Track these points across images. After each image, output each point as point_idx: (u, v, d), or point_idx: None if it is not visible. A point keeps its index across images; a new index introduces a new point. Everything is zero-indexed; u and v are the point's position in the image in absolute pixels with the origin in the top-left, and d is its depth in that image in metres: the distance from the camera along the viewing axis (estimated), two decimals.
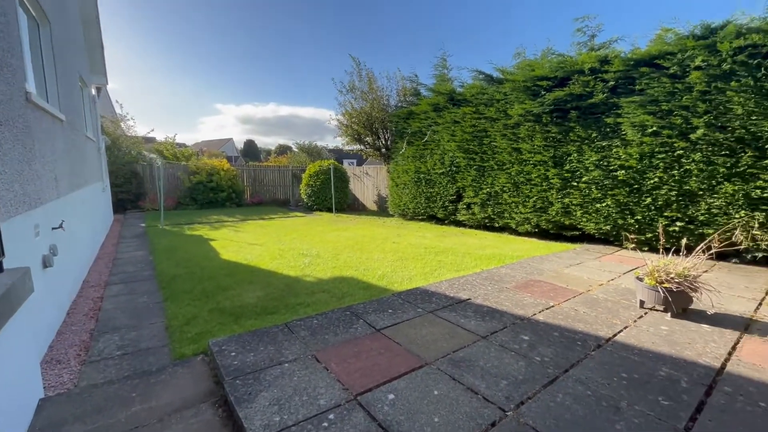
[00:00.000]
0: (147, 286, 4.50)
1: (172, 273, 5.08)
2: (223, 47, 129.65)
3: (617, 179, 6.14)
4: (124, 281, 4.70)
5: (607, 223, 6.40)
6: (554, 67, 6.77)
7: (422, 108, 9.74)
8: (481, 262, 5.58)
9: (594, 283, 4.32)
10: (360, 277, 4.85)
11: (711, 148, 5.19)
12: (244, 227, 9.86)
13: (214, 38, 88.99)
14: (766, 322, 3.18)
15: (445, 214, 9.61)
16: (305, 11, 74.22)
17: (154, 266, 5.48)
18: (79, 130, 5.88)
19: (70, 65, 5.50)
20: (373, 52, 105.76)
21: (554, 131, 6.91)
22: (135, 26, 65.76)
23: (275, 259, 5.92)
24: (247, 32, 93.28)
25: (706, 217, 5.33)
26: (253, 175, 17.01)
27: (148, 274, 5.07)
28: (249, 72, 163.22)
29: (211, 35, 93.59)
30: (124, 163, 13.36)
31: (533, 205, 7.42)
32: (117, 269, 5.30)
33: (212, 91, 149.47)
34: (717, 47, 4.98)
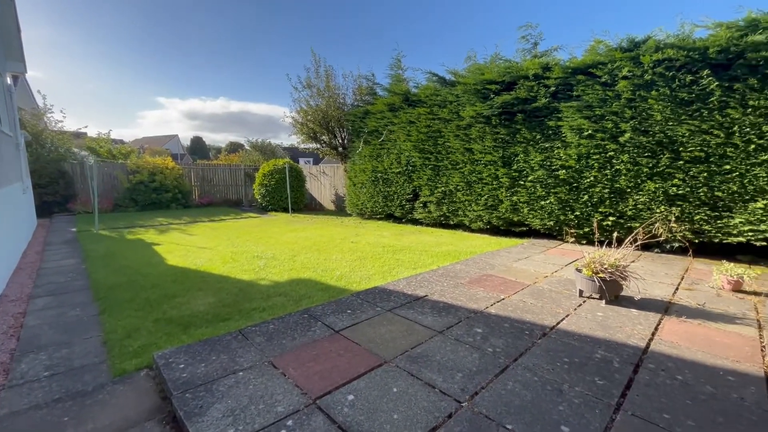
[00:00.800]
0: (80, 298, 4.08)
1: (109, 282, 4.66)
2: (166, 35, 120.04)
3: (559, 178, 6.63)
4: (52, 293, 4.23)
5: (550, 219, 6.89)
6: (502, 72, 7.13)
7: (378, 107, 9.80)
8: (437, 259, 5.74)
9: (540, 275, 4.63)
10: (318, 279, 4.78)
11: (636, 150, 5.77)
12: (193, 230, 9.29)
13: (153, 25, 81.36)
14: (681, 304, 3.61)
15: (402, 213, 9.77)
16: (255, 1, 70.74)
17: (88, 275, 4.99)
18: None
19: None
20: (331, 49, 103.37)
21: (503, 133, 7.29)
22: (58, 6, 58.41)
23: (227, 263, 5.65)
24: (192, 21, 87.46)
25: (633, 212, 5.93)
26: (202, 175, 16.06)
27: (81, 284, 4.61)
28: (196, 64, 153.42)
29: (149, 21, 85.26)
30: (49, 161, 11.98)
31: (485, 203, 7.78)
32: (43, 280, 4.75)
33: (153, 83, 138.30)
34: (640, 59, 5.54)
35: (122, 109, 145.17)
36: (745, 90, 4.86)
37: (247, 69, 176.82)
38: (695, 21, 5.29)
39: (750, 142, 4.91)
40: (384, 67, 11.10)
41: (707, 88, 5.11)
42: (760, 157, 4.87)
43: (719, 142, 5.11)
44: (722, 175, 5.16)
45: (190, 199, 15.18)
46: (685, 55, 5.17)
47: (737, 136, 4.99)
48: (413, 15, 59.47)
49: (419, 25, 60.92)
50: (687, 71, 5.25)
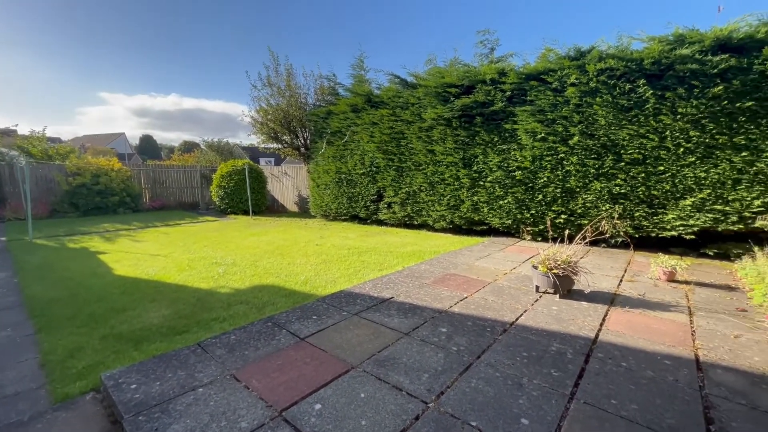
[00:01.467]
0: (12, 316, 3.69)
1: (47, 297, 4.25)
2: (108, 24, 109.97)
3: (515, 179, 6.95)
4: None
5: (508, 218, 7.21)
6: (461, 75, 7.36)
7: (341, 108, 9.73)
8: (402, 260, 5.81)
9: (500, 273, 4.84)
10: (282, 284, 4.67)
11: (584, 152, 6.19)
12: (144, 236, 8.70)
13: (92, 12, 73.65)
14: (625, 295, 3.93)
15: (367, 214, 9.77)
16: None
17: (21, 290, 4.51)
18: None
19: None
20: (290, 47, 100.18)
21: (463, 135, 7.52)
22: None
23: (183, 271, 5.35)
24: (139, 8, 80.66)
25: (582, 210, 6.36)
26: (153, 176, 15.07)
27: (13, 300, 4.16)
28: (143, 58, 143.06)
29: (87, 8, 76.78)
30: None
31: (447, 203, 7.98)
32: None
33: (94, 76, 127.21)
34: (586, 68, 5.95)
35: (59, 105, 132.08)
36: (675, 98, 5.38)
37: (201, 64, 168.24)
38: (632, 34, 5.77)
39: (680, 146, 5.44)
40: (345, 67, 10.96)
41: (643, 96, 5.59)
42: (688, 159, 5.41)
43: (654, 145, 5.61)
44: (657, 176, 5.68)
45: (141, 203, 14.19)
46: (624, 65, 5.63)
47: (669, 140, 5.51)
48: (375, 19, 59.34)
49: (380, 29, 60.97)
50: (626, 80, 5.71)
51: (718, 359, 2.57)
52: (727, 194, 5.21)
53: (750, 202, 5.07)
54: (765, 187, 4.99)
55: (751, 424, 1.91)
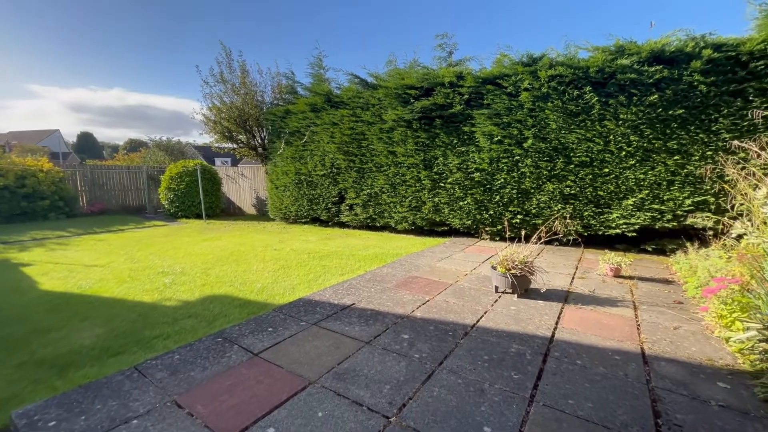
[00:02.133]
0: None
1: None
2: (39, 11, 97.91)
3: (474, 180, 7.10)
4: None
5: (468, 219, 7.35)
6: (420, 78, 7.40)
7: (300, 107, 9.44)
8: (365, 263, 5.71)
9: (461, 273, 4.88)
10: (236, 294, 4.38)
11: (537, 155, 6.46)
12: (79, 244, 7.87)
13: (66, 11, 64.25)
14: (577, 292, 4.11)
15: (328, 216, 9.56)
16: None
17: None
18: None
19: None
20: (248, 42, 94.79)
21: (423, 137, 7.56)
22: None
23: (124, 283, 4.87)
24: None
25: (536, 210, 6.63)
26: (92, 177, 13.73)
27: None
28: (79, 48, 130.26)
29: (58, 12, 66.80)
30: None
31: (409, 204, 8.00)
32: None
33: (23, 67, 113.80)
34: (538, 74, 6.21)
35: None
36: (617, 105, 5.75)
37: (149, 57, 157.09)
38: (579, 44, 6.10)
39: (622, 149, 5.83)
40: (304, 66, 10.66)
41: (589, 102, 5.92)
42: (629, 162, 5.81)
43: (599, 148, 5.97)
44: (603, 177, 6.04)
45: (77, 207, 12.88)
46: (572, 73, 5.93)
47: (613, 144, 5.88)
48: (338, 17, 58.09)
49: (345, 29, 59.78)
50: (574, 86, 6.03)
51: (661, 352, 2.72)
52: (663, 194, 5.66)
53: (682, 201, 5.53)
54: (694, 188, 5.47)
55: (694, 414, 2.01)
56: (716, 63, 5.12)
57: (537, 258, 5.34)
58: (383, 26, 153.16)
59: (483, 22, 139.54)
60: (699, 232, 5.54)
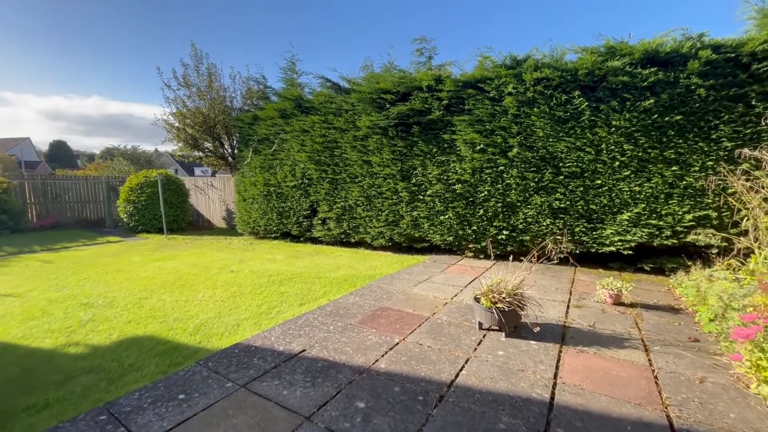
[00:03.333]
0: None
1: None
2: (10, 13, 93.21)
3: (456, 192, 6.48)
4: None
5: (450, 234, 6.70)
6: (396, 81, 6.79)
7: (269, 113, 8.71)
8: (331, 289, 4.96)
9: (440, 302, 4.19)
10: (163, 335, 3.55)
11: (523, 164, 5.89)
12: (10, 267, 6.83)
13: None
14: (575, 327, 3.46)
15: (300, 231, 8.77)
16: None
17: None
18: None
19: None
20: (220, 44, 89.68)
21: (400, 145, 6.93)
22: None
23: (31, 320, 3.97)
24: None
25: (523, 225, 6.03)
26: (44, 189, 12.55)
27: None
28: (55, 54, 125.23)
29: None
30: None
31: (386, 218, 7.31)
32: None
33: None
34: (523, 77, 5.68)
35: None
36: (609, 111, 5.25)
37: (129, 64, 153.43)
38: (565, 47, 5.62)
39: (615, 159, 5.31)
40: (278, 72, 9.99)
41: (579, 108, 5.41)
42: (623, 172, 5.29)
43: (591, 158, 5.44)
44: (595, 190, 5.50)
45: (24, 221, 11.68)
46: (560, 76, 5.42)
47: (605, 153, 5.36)
48: (312, 21, 56.68)
49: (320, 33, 58.48)
50: (562, 91, 5.51)
51: (692, 422, 2.07)
52: (661, 209, 5.14)
53: (681, 216, 5.02)
54: (695, 201, 4.97)
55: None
56: (715, 65, 4.67)
57: (527, 279, 4.71)
58: (360, 31, 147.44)
59: (464, 28, 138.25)
60: (701, 249, 5.03)
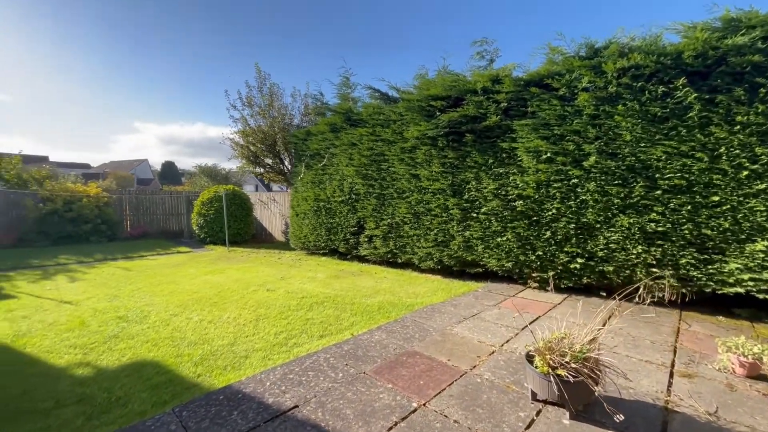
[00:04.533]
0: None
1: None
2: (142, 59, 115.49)
3: (516, 210, 5.48)
4: None
5: (508, 259, 5.68)
6: (447, 86, 6.10)
7: (320, 128, 8.62)
8: (360, 319, 4.36)
9: (485, 350, 3.31)
10: (169, 362, 3.28)
11: (604, 176, 4.71)
12: (89, 273, 7.55)
13: (133, 50, 77.87)
14: (683, 412, 2.34)
15: (347, 248, 8.39)
16: (220, 26, 67.97)
17: None
18: None
19: None
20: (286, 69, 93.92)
21: (451, 156, 6.16)
22: (27, 26, 53.60)
23: (66, 332, 4.06)
24: (170, 48, 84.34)
25: (605, 252, 4.78)
26: (136, 203, 14.26)
27: None
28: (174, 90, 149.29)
29: (130, 47, 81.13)
30: None
31: (435, 238, 6.53)
32: None
33: (129, 107, 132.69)
34: (602, 68, 4.58)
35: (95, 133, 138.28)
36: (730, 103, 3.90)
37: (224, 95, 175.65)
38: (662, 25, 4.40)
39: (741, 168, 3.91)
40: (334, 88, 9.92)
41: (684, 101, 4.13)
42: (754, 186, 3.85)
43: (703, 167, 4.09)
44: (710, 209, 4.11)
45: (120, 231, 13.30)
46: (655, 61, 4.23)
47: (725, 160, 3.98)
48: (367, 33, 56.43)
49: (370, 47, 58.68)
50: (658, 81, 4.29)
51: None
52: None
53: None
54: None
55: None
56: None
57: (605, 328, 3.56)
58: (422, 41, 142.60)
59: (532, 23, 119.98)
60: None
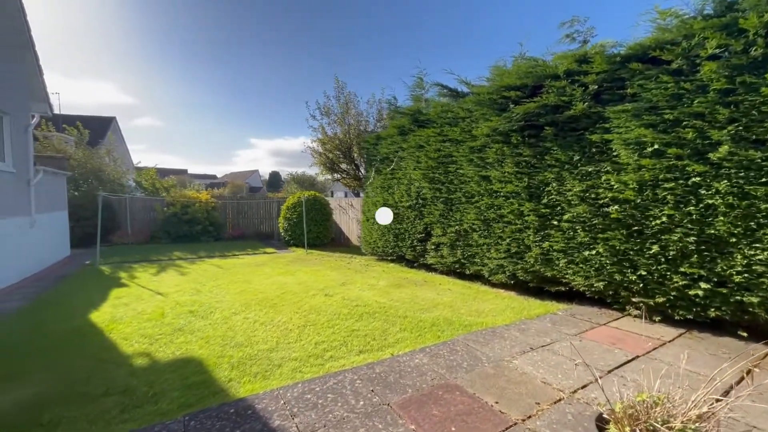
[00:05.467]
0: None
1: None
2: (260, 83, 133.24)
3: (610, 217, 4.41)
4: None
5: (599, 278, 4.60)
6: (523, 72, 5.30)
7: (390, 132, 8.46)
8: (408, 335, 3.94)
9: (549, 395, 2.59)
10: (211, 362, 3.35)
11: (743, 173, 3.44)
12: (192, 268, 8.62)
13: (256, 76, 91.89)
14: None
15: (414, 256, 7.99)
16: (330, 52, 73.22)
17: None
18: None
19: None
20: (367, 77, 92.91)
21: (526, 154, 5.32)
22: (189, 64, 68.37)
23: (147, 321, 4.54)
24: (279, 73, 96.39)
25: (744, 277, 3.48)
26: (237, 208, 16.14)
27: None
28: (279, 110, 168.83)
29: (253, 76, 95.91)
30: (95, 196, 12.79)
31: (507, 248, 5.71)
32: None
33: (248, 126, 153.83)
34: (739, 25, 3.37)
35: (221, 150, 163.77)
36: None
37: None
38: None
39: None
40: (407, 91, 9.64)
41: None
42: None
43: None
44: None
45: (223, 233, 15.17)
46: None
47: None
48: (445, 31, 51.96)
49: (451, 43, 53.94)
50: None
51: None
52: None
53: None
54: None
55: None
56: None
57: (743, 392, 2.50)
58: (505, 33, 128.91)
59: None
60: None
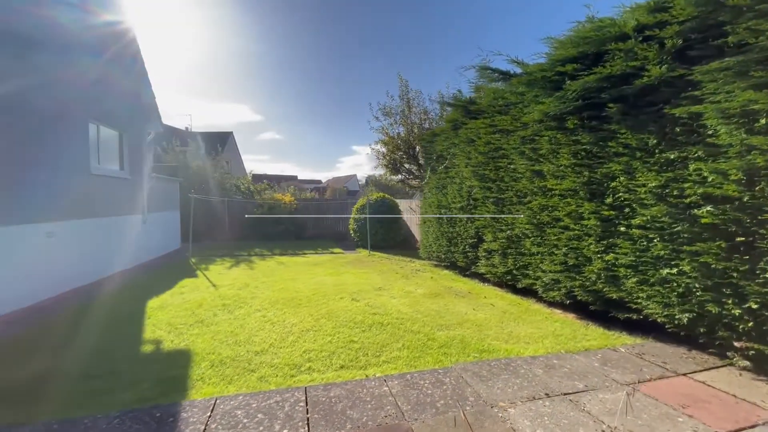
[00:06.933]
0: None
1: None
2: (360, 96, 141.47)
3: (700, 223, 3.13)
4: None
5: (684, 308, 3.31)
6: (581, 38, 4.20)
7: (444, 127, 7.84)
8: (405, 355, 3.43)
9: None
10: (196, 359, 3.44)
11: None
12: (260, 264, 9.40)
13: (364, 94, 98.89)
14: None
15: (466, 263, 7.19)
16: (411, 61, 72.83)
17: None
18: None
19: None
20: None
21: (586, 140, 4.21)
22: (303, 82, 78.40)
23: (186, 310, 4.99)
24: (378, 83, 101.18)
25: None
26: (317, 208, 17.18)
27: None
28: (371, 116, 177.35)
29: (361, 95, 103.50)
30: (206, 199, 15.07)
31: (563, 259, 4.62)
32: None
33: (348, 135, 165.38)
34: None
35: (328, 158, 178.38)
36: None
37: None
38: None
39: None
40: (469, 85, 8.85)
41: None
42: None
43: None
44: None
45: (303, 232, 16.30)
46: None
47: None
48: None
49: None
50: None
51: None
52: None
53: None
54: None
55: None
56: None
57: None
58: None
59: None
60: None
